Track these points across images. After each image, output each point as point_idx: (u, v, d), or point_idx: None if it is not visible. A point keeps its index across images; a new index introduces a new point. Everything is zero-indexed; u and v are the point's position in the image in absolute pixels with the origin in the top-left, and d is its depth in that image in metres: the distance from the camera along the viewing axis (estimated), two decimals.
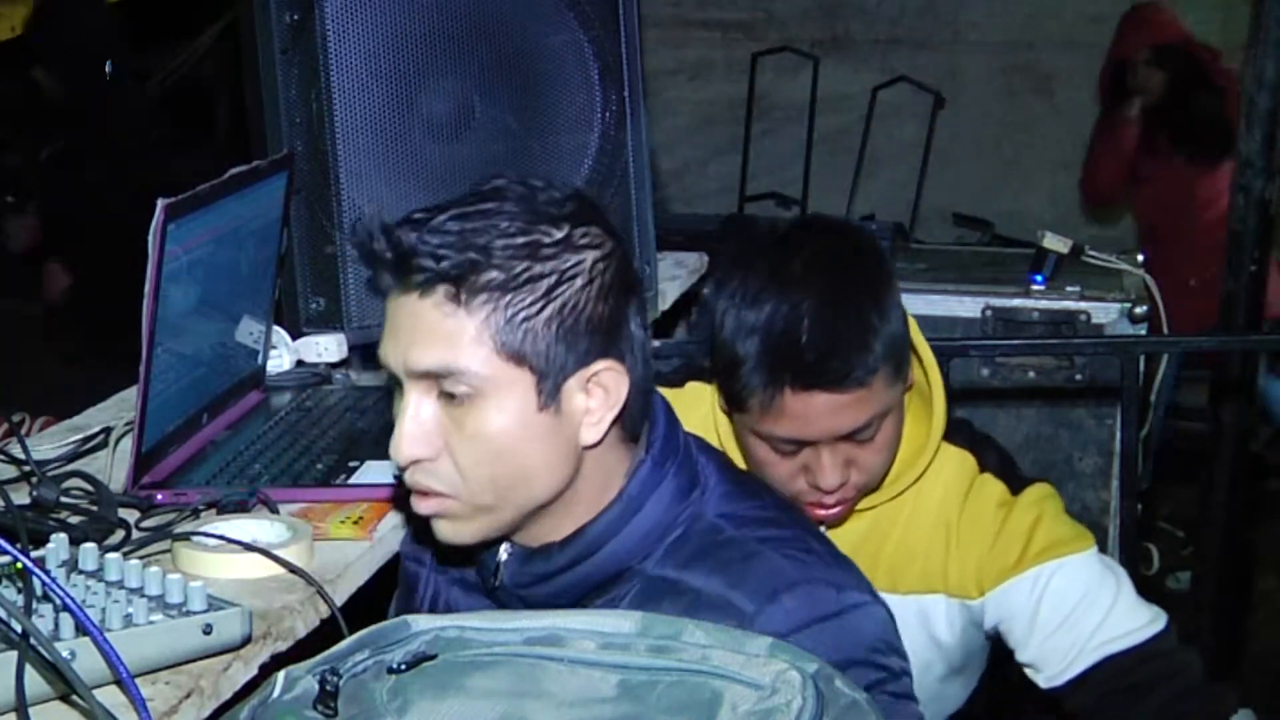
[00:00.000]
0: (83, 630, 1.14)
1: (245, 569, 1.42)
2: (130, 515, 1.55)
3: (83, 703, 1.12)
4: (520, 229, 1.28)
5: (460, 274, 1.25)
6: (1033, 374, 2.86)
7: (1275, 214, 3.04)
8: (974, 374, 2.80)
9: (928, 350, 1.78)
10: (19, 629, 1.14)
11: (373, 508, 1.58)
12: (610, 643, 1.05)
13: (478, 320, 1.26)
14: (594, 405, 1.31)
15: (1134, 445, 2.48)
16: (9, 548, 1.13)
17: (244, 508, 1.55)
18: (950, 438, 1.78)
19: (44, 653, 1.12)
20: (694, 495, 1.39)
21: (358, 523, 1.55)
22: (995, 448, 1.85)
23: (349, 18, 1.94)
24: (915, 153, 5.25)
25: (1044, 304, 2.86)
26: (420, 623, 1.10)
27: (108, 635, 1.15)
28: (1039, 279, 2.90)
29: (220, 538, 1.46)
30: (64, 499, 1.54)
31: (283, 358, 2.04)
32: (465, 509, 1.32)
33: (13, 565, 1.25)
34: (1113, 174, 4.69)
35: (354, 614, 1.41)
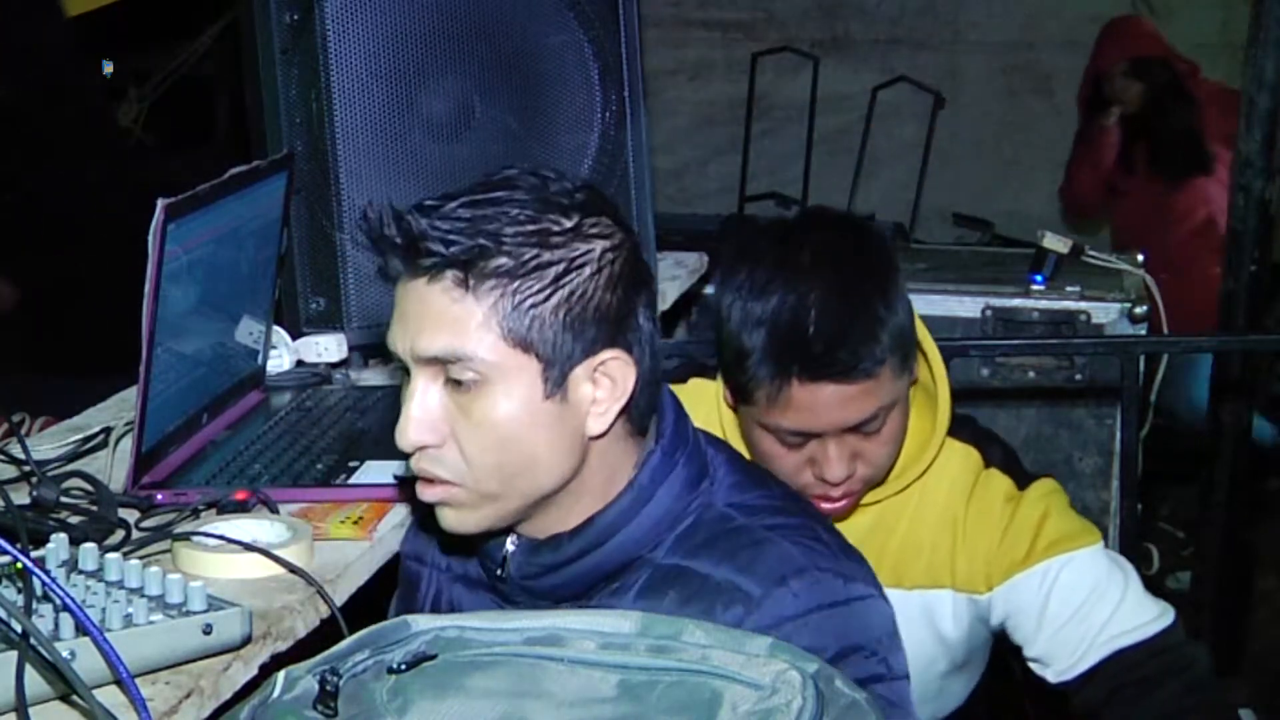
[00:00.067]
0: (83, 630, 1.14)
1: (245, 569, 1.42)
2: (130, 515, 1.55)
3: (83, 703, 1.12)
4: (530, 217, 1.28)
5: (469, 259, 1.26)
6: (1033, 374, 2.86)
7: (1275, 214, 3.04)
8: (974, 374, 2.80)
9: (933, 346, 1.78)
10: (19, 629, 1.14)
11: (373, 508, 1.58)
12: (610, 643, 1.05)
13: (485, 306, 1.26)
14: (600, 395, 1.31)
15: (1134, 445, 2.49)
16: (9, 548, 1.13)
17: (244, 508, 1.55)
18: (955, 433, 1.78)
19: (44, 653, 1.12)
20: (704, 485, 1.39)
21: (358, 523, 1.55)
22: (1000, 443, 1.85)
23: (349, 18, 1.94)
24: (915, 153, 5.24)
25: (1044, 304, 2.86)
26: (420, 623, 1.10)
27: (108, 635, 1.15)
28: (1039, 279, 2.91)
29: (220, 538, 1.46)
30: (64, 499, 1.54)
31: (283, 358, 2.04)
32: (471, 497, 1.32)
33: (13, 565, 1.25)
34: (1091, 186, 4.69)
35: (354, 614, 1.41)
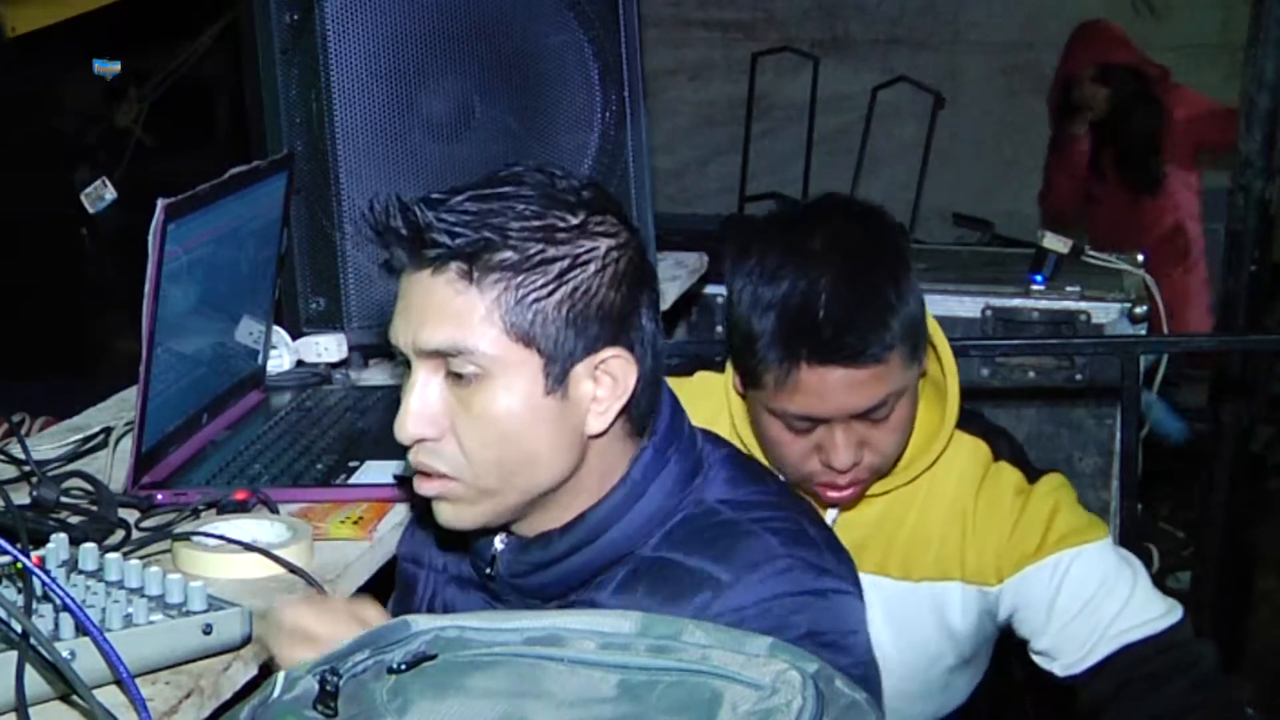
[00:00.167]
0: (83, 630, 1.14)
1: (245, 569, 1.43)
2: (130, 515, 1.55)
3: (83, 703, 1.12)
4: (536, 212, 1.28)
5: (474, 252, 1.26)
6: (1033, 374, 2.86)
7: (1275, 214, 3.04)
8: (974, 374, 2.80)
9: (943, 340, 1.78)
10: (19, 629, 1.14)
11: (373, 508, 1.58)
12: (610, 643, 1.05)
13: (489, 299, 1.26)
14: (601, 394, 1.31)
15: (1134, 445, 2.49)
16: (9, 548, 1.13)
17: (244, 508, 1.55)
18: (963, 426, 1.79)
19: (44, 653, 1.12)
20: (696, 481, 1.39)
21: (358, 523, 1.55)
22: (1007, 437, 1.85)
23: (349, 18, 1.94)
24: (915, 153, 5.24)
25: (1044, 304, 2.87)
26: (420, 623, 1.10)
27: (108, 635, 1.15)
28: (1039, 279, 2.91)
29: (220, 538, 1.46)
30: (64, 499, 1.54)
31: (283, 358, 2.04)
32: (468, 492, 1.31)
33: (13, 565, 1.25)
34: (1068, 193, 4.69)
35: None
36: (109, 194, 2.56)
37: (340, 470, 1.67)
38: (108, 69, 2.29)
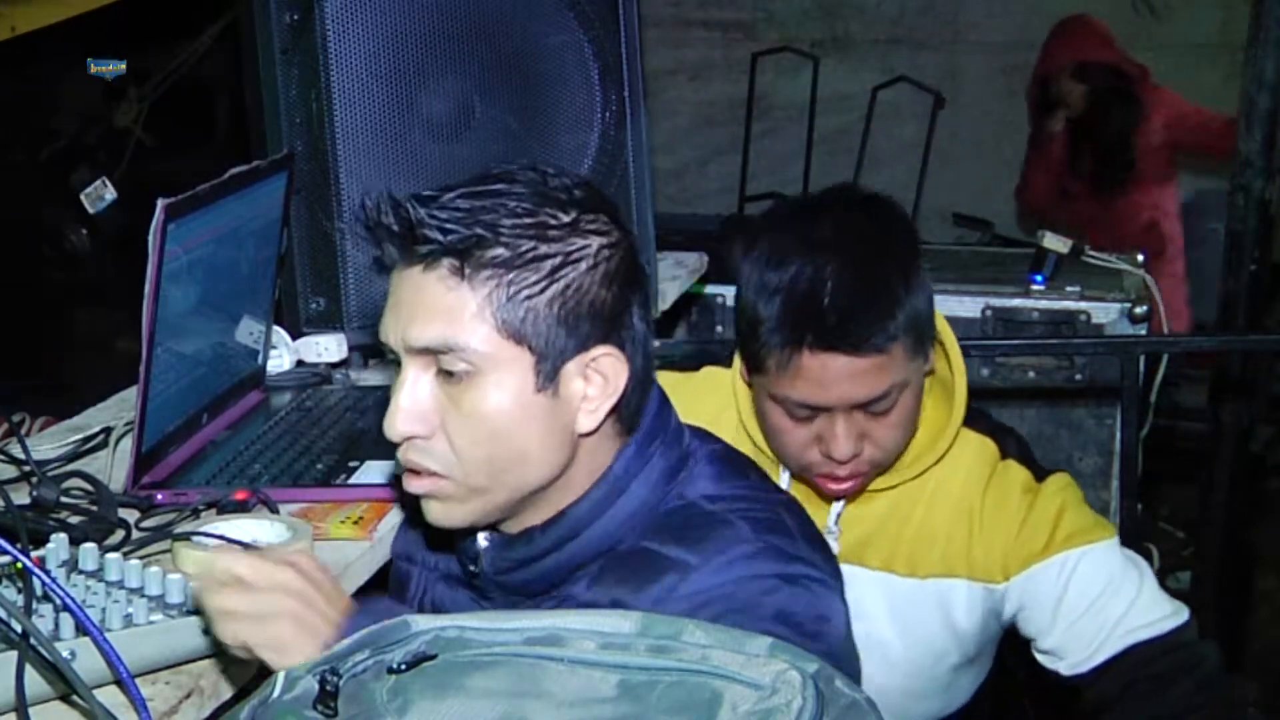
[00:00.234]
0: (83, 630, 1.14)
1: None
2: (130, 515, 1.55)
3: (83, 703, 1.12)
4: (528, 210, 1.28)
5: (466, 248, 1.26)
6: (1033, 374, 2.86)
7: (1275, 214, 3.04)
8: (974, 374, 2.80)
9: (952, 337, 1.78)
10: (19, 629, 1.14)
11: (373, 508, 1.58)
12: (610, 643, 1.05)
13: (480, 296, 1.26)
14: (592, 392, 1.31)
15: (1134, 445, 2.49)
16: (9, 548, 1.13)
17: (244, 508, 1.55)
18: (971, 424, 1.79)
19: (44, 653, 1.12)
20: (680, 476, 1.38)
21: (358, 523, 1.55)
22: (1015, 436, 1.85)
23: (349, 18, 1.94)
24: (915, 153, 5.24)
25: (1044, 304, 2.87)
26: (420, 623, 1.10)
27: (108, 635, 1.15)
28: (1039, 279, 2.91)
29: (220, 538, 1.45)
30: (64, 499, 1.54)
31: (283, 358, 2.04)
32: (458, 490, 1.31)
33: (13, 565, 1.25)
34: (1044, 189, 4.70)
35: None
36: (109, 194, 2.56)
37: (340, 470, 1.67)
38: (105, 68, 2.28)
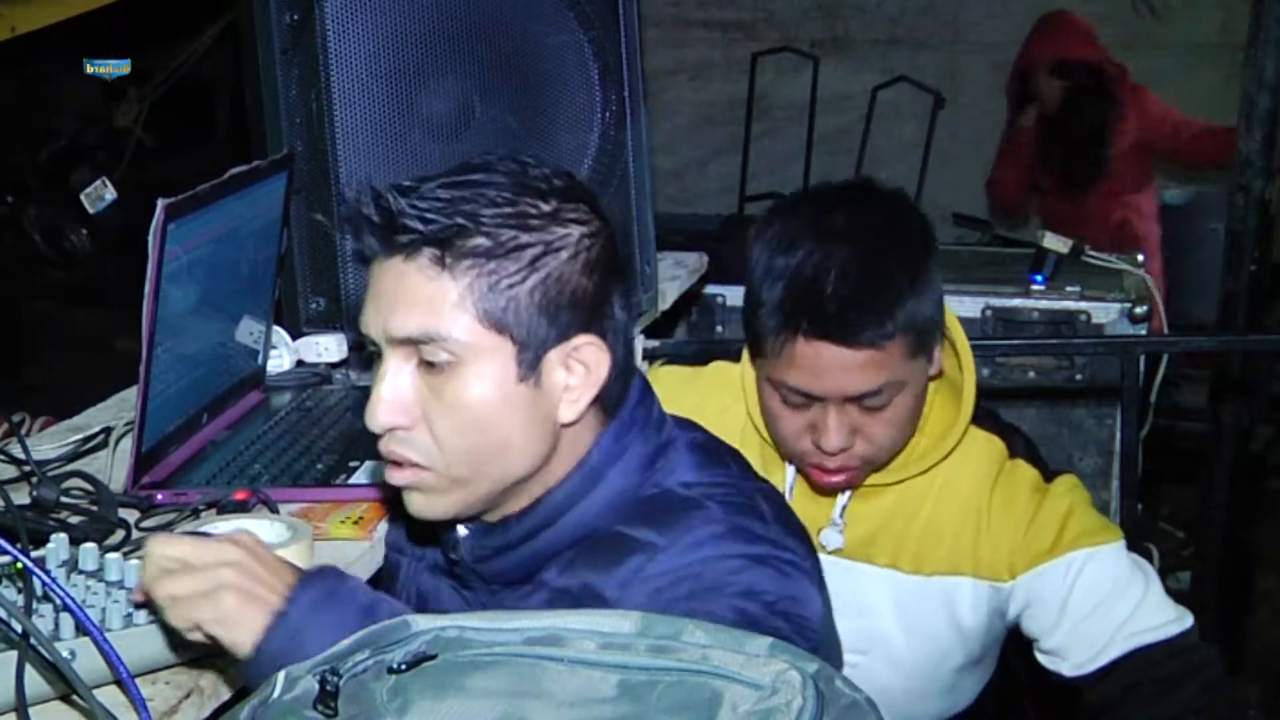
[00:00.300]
0: (83, 630, 1.14)
1: None
2: (130, 515, 1.55)
3: (83, 703, 1.12)
4: (508, 199, 1.28)
5: (446, 238, 1.26)
6: (1033, 374, 2.86)
7: (1275, 214, 3.04)
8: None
9: (963, 338, 1.78)
10: (19, 629, 1.14)
11: (373, 508, 1.58)
12: (610, 643, 1.05)
13: (461, 286, 1.26)
14: (573, 382, 1.31)
15: (1134, 445, 2.49)
16: (9, 548, 1.13)
17: (244, 508, 1.55)
18: (979, 423, 1.79)
19: (44, 653, 1.12)
20: (659, 464, 1.37)
21: (358, 523, 1.55)
22: (1023, 436, 1.85)
23: (349, 18, 1.94)
24: (915, 153, 5.24)
25: (1044, 304, 2.87)
26: (420, 623, 1.10)
27: (108, 635, 1.15)
28: (1039, 279, 2.91)
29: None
30: (64, 499, 1.54)
31: (283, 358, 2.04)
32: (440, 481, 1.31)
33: (13, 565, 1.25)
34: (1014, 183, 4.70)
35: None
36: (109, 194, 2.56)
37: (340, 470, 1.67)
38: (107, 67, 2.28)
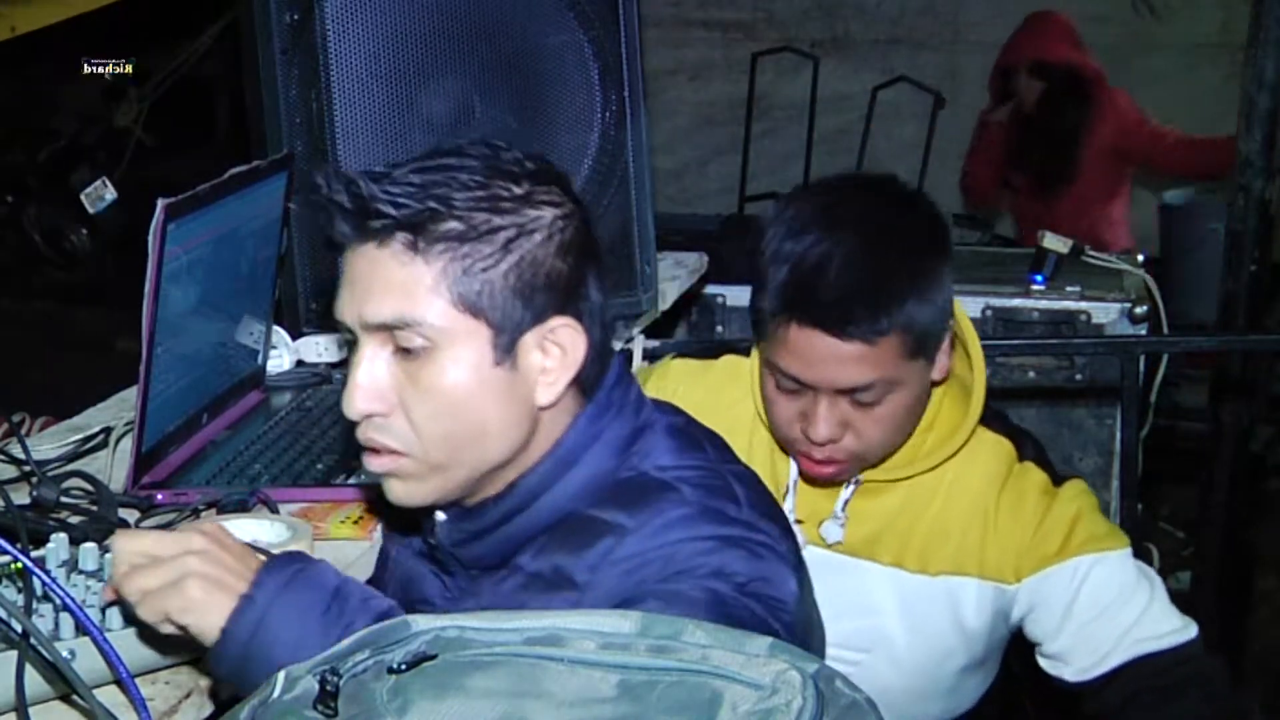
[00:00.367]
0: (83, 630, 1.14)
1: None
2: (130, 515, 1.55)
3: (83, 703, 1.12)
4: (480, 183, 1.28)
5: (419, 222, 1.25)
6: (1033, 374, 2.86)
7: (1275, 214, 3.04)
8: None
9: (974, 338, 1.77)
10: (19, 629, 1.14)
11: (373, 508, 1.58)
12: (610, 643, 1.05)
13: (435, 270, 1.26)
14: (550, 365, 1.30)
15: (1134, 445, 2.49)
16: (9, 548, 1.13)
17: (244, 508, 1.55)
18: (988, 424, 1.78)
19: (44, 653, 1.12)
20: (635, 448, 1.36)
21: (358, 523, 1.55)
22: (1033, 439, 1.85)
23: (349, 18, 1.94)
24: (915, 153, 5.23)
25: (1044, 304, 2.87)
26: (420, 623, 1.10)
27: (108, 635, 1.15)
28: (1039, 279, 2.91)
29: None
30: (64, 499, 1.54)
31: (283, 358, 2.04)
32: (418, 467, 1.30)
33: (13, 565, 1.25)
34: (985, 177, 4.72)
35: None
36: (109, 194, 2.56)
37: (340, 470, 1.67)
38: (108, 67, 2.28)
